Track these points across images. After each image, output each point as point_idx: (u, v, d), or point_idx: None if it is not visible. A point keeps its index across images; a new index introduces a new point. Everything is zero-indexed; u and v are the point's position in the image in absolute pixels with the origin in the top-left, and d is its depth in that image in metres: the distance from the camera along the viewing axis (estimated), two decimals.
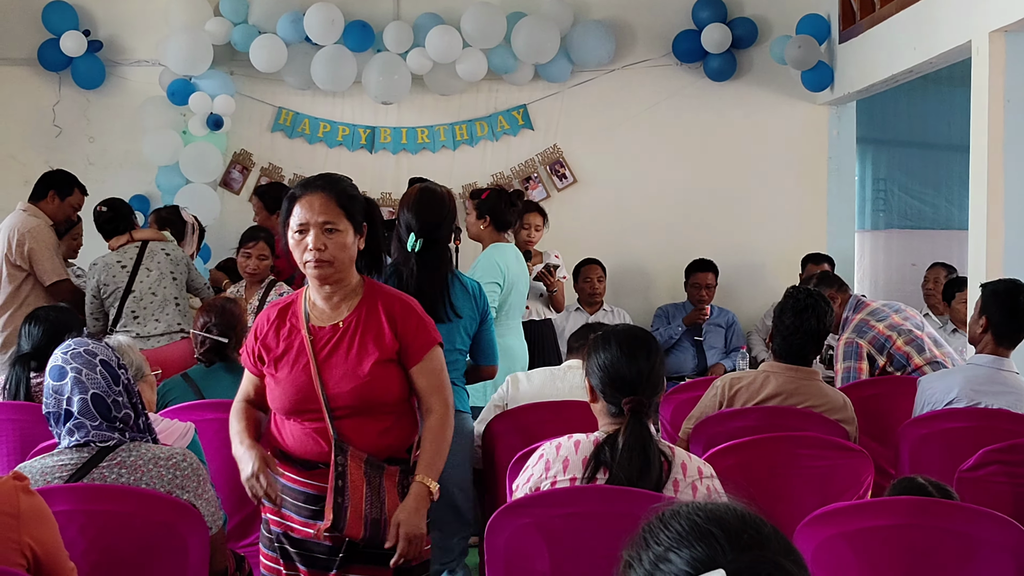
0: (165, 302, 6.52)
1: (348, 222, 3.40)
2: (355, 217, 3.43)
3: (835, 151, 9.01)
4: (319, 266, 3.35)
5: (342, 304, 3.46)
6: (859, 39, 8.03)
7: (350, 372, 3.38)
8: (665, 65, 8.91)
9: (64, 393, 3.25)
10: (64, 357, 3.28)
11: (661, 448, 3.17)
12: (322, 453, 3.40)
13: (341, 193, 3.45)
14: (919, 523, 3.17)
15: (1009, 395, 4.59)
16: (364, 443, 3.40)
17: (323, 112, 8.89)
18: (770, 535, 1.48)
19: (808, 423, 4.31)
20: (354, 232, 3.41)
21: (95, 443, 3.25)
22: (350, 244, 3.39)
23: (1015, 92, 5.95)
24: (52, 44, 8.43)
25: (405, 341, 3.42)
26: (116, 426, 3.27)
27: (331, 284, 3.42)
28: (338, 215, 3.39)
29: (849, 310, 5.95)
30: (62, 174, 6.92)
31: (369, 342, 3.40)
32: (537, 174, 8.97)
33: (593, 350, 3.31)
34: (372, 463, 3.39)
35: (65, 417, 3.26)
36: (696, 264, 8.33)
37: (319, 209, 3.38)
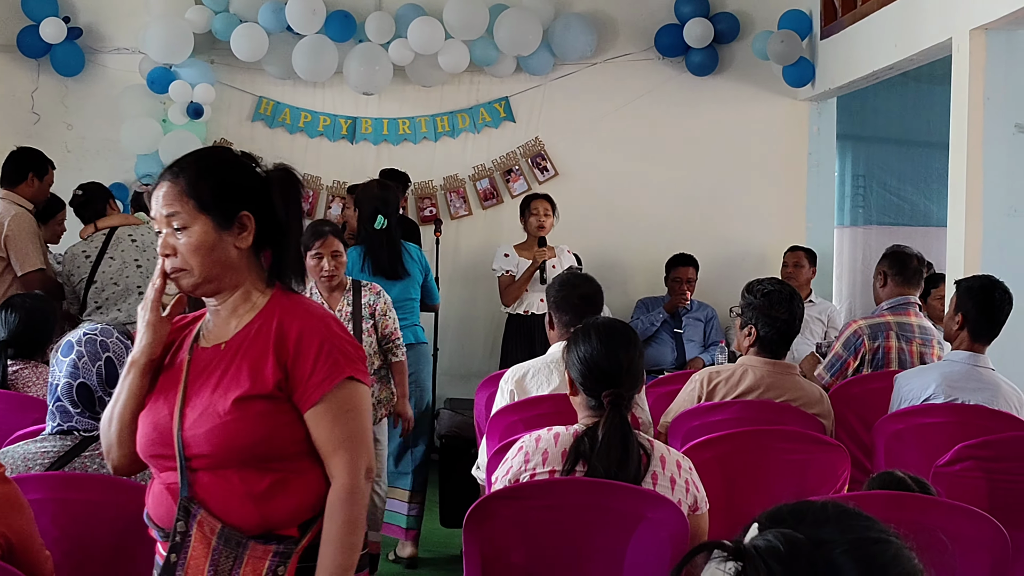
0: (127, 292, 6.36)
1: (202, 214, 2.55)
2: (217, 206, 2.56)
3: (815, 147, 9.04)
4: (172, 275, 2.59)
5: (231, 319, 2.63)
6: (840, 35, 8.05)
7: (209, 409, 2.52)
8: (647, 59, 8.92)
9: (60, 370, 3.24)
10: (79, 336, 3.26)
11: (640, 441, 3.17)
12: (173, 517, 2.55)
13: (193, 177, 2.59)
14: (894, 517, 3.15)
15: (985, 391, 4.62)
16: (223, 508, 2.51)
17: (304, 102, 8.86)
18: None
19: (785, 417, 4.32)
20: (217, 226, 2.55)
21: (79, 431, 3.24)
22: (210, 243, 2.55)
23: (995, 90, 5.97)
24: (31, 31, 8.37)
25: (294, 373, 2.53)
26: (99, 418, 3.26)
27: (207, 296, 2.64)
28: (185, 206, 2.56)
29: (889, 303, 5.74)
30: (34, 153, 6.70)
31: (244, 371, 2.53)
32: (518, 167, 8.97)
33: (573, 343, 3.31)
34: (228, 538, 2.50)
35: (52, 393, 3.26)
36: (676, 258, 8.34)
37: (163, 199, 2.59)
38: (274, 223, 2.61)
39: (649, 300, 8.46)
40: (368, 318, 5.59)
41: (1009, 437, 4.21)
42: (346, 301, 5.61)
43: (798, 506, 1.49)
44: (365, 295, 5.64)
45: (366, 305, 5.60)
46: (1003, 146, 5.99)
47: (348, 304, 5.59)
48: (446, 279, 8.45)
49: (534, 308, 7.52)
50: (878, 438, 4.58)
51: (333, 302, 5.60)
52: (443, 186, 8.93)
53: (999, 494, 3.93)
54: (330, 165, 8.71)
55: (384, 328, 5.66)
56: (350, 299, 5.61)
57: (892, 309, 5.66)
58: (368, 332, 5.57)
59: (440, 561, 6.18)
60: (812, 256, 8.29)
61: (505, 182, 8.93)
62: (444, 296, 8.28)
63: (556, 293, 4.56)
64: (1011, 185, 6.02)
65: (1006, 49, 5.96)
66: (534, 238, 7.61)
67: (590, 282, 4.61)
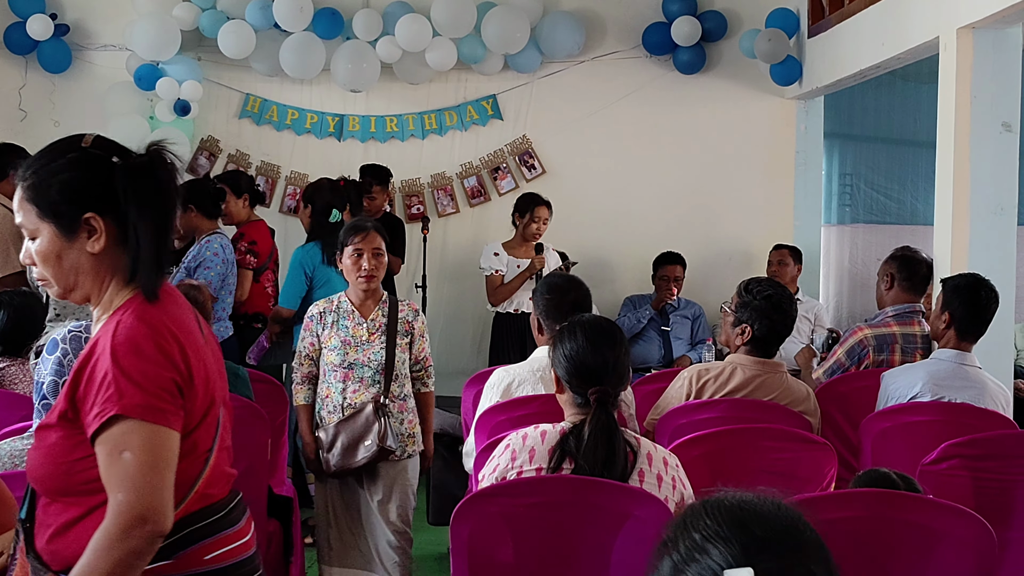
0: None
1: (44, 221, 2.34)
2: (57, 212, 2.32)
3: (803, 145, 9.05)
4: (42, 284, 2.43)
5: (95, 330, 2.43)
6: (828, 34, 8.06)
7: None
8: (635, 57, 8.92)
9: (44, 368, 3.22)
10: (64, 335, 3.24)
11: (627, 438, 3.18)
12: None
13: (34, 180, 2.35)
14: (881, 515, 3.19)
15: (972, 389, 4.63)
16: (40, 537, 2.37)
17: (291, 99, 8.85)
18: (809, 540, 1.48)
19: (772, 415, 4.33)
20: (61, 233, 2.33)
21: None
22: (56, 251, 2.34)
23: (982, 89, 5.98)
24: (18, 27, 8.35)
25: (77, 399, 2.29)
26: None
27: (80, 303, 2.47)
28: (28, 214, 2.35)
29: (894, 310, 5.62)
30: (16, 150, 6.51)
31: (62, 393, 2.33)
32: (506, 164, 8.97)
33: (559, 341, 3.31)
34: (34, 568, 2.37)
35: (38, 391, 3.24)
36: (664, 257, 8.35)
37: (17, 205, 2.39)
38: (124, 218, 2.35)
39: (636, 298, 8.47)
40: (404, 335, 5.16)
41: (995, 435, 4.22)
42: (381, 313, 5.15)
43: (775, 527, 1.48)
44: (403, 310, 5.19)
45: (403, 320, 5.17)
46: (990, 145, 6.00)
47: (383, 316, 5.13)
48: (434, 277, 8.45)
49: (524, 307, 7.56)
50: (865, 436, 4.59)
51: (365, 311, 5.14)
52: (431, 184, 8.93)
53: (985, 492, 3.94)
54: (317, 162, 8.69)
55: (419, 351, 5.25)
56: (385, 311, 5.15)
57: (897, 318, 5.56)
58: (402, 348, 5.15)
59: (428, 559, 6.18)
60: (797, 254, 8.31)
61: (493, 180, 8.93)
62: (431, 294, 8.29)
63: (545, 299, 4.53)
64: (998, 184, 6.02)
65: (993, 48, 5.96)
66: (527, 240, 7.67)
67: (579, 287, 4.58)
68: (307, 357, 5.19)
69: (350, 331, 5.10)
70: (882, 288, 5.72)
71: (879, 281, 5.77)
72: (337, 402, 5.09)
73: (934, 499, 3.30)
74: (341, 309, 5.16)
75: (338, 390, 5.09)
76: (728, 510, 1.49)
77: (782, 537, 1.46)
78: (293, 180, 8.81)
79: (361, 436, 4.97)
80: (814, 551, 1.47)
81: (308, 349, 5.18)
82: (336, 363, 5.08)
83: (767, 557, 1.42)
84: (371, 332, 5.11)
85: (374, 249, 5.08)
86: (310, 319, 5.19)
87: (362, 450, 4.96)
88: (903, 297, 5.62)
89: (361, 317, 5.13)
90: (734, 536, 1.45)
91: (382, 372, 5.06)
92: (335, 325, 5.13)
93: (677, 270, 8.30)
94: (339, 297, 5.22)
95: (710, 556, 1.43)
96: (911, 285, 5.63)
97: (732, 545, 1.44)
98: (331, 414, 5.11)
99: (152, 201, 2.36)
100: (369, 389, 5.05)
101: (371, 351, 5.07)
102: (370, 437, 4.94)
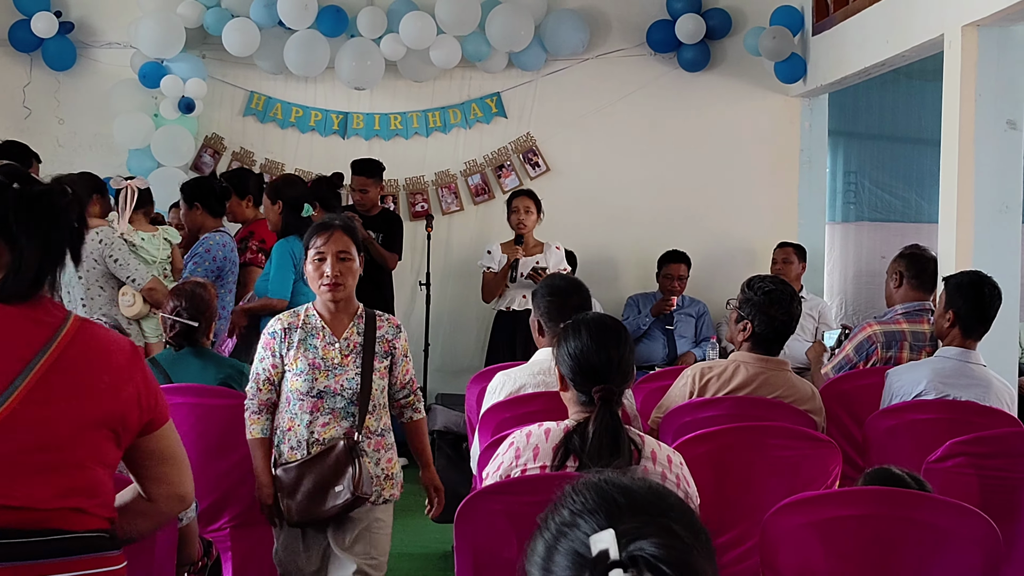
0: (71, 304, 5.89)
1: None
2: None
3: (807, 143, 9.05)
4: None
5: None
6: (832, 31, 8.05)
7: None
8: (639, 55, 8.92)
9: None
10: None
11: (631, 436, 3.17)
12: None
13: None
14: (887, 514, 3.19)
15: (976, 387, 4.62)
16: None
17: (295, 97, 8.86)
18: (673, 503, 1.53)
19: (777, 413, 4.32)
20: None
21: None
22: None
23: (986, 86, 5.98)
24: (23, 25, 8.37)
25: None
26: None
27: None
28: None
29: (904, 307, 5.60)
30: (16, 148, 6.44)
31: None
32: (510, 162, 8.97)
33: (563, 338, 3.30)
34: None
35: None
36: (669, 255, 8.35)
37: None
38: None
39: (639, 297, 8.47)
40: (383, 356, 4.28)
41: (1000, 433, 4.21)
42: (356, 330, 4.27)
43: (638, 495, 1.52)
44: (381, 326, 4.31)
45: (381, 339, 4.29)
46: (994, 142, 6.00)
47: (358, 334, 4.26)
48: (437, 274, 8.45)
49: (514, 305, 7.60)
50: (870, 434, 4.59)
51: (337, 327, 4.27)
52: (434, 182, 8.93)
53: (990, 490, 3.93)
54: (321, 160, 8.69)
55: (403, 375, 4.36)
56: (361, 328, 4.29)
57: (907, 315, 5.55)
58: (381, 374, 4.26)
59: (432, 557, 6.18)
60: (801, 252, 8.30)
61: (496, 178, 8.94)
62: (434, 292, 8.30)
63: (546, 301, 4.46)
64: (1002, 181, 6.02)
65: (998, 45, 5.96)
66: (516, 234, 7.66)
67: (580, 290, 4.52)
68: (267, 382, 4.26)
69: (319, 352, 4.21)
70: (891, 286, 5.71)
71: (888, 279, 5.76)
72: (302, 437, 4.18)
73: (940, 497, 3.30)
74: (309, 325, 4.25)
75: (303, 423, 4.18)
76: (595, 486, 1.54)
77: (644, 503, 1.50)
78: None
79: (331, 480, 4.11)
80: (677, 513, 1.51)
81: (268, 372, 4.25)
82: (302, 391, 4.17)
83: (628, 518, 1.47)
84: (344, 354, 4.22)
85: (339, 252, 4.20)
86: (271, 336, 4.27)
87: (332, 497, 4.11)
88: (912, 295, 5.61)
89: (333, 335, 4.24)
90: (599, 507, 1.50)
91: (356, 402, 4.19)
92: (302, 345, 4.22)
93: (682, 268, 8.30)
94: (306, 310, 4.31)
95: (578, 528, 1.49)
96: (920, 283, 5.63)
97: (597, 515, 1.49)
98: (294, 451, 4.20)
99: (44, 228, 2.45)
100: (341, 423, 4.17)
101: (344, 377, 4.18)
102: (342, 482, 4.09)
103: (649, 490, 1.54)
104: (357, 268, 4.28)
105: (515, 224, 7.67)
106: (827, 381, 5.35)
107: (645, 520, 1.46)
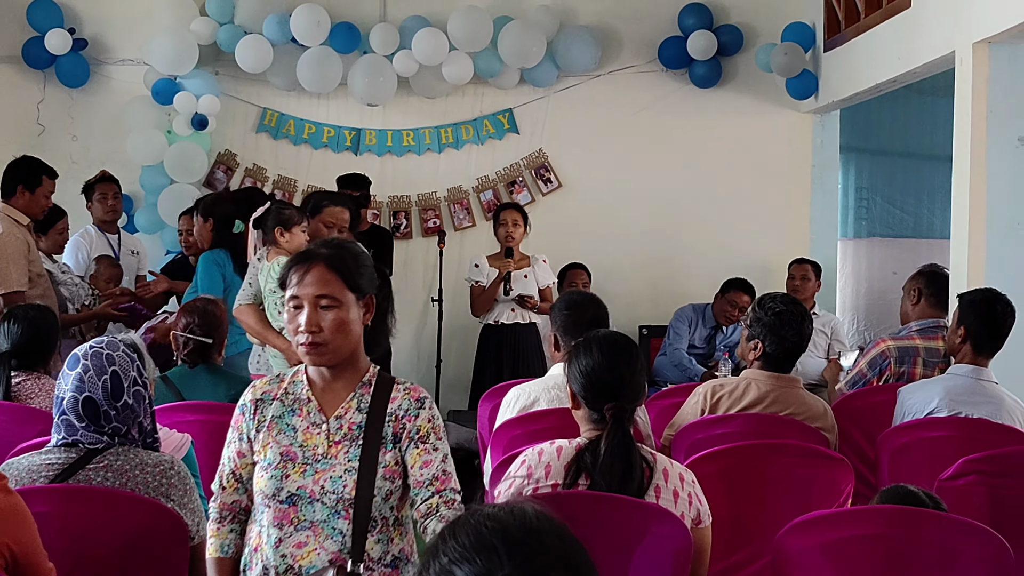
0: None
1: None
2: None
3: (819, 159, 9.05)
4: None
5: None
6: (844, 48, 8.06)
7: None
8: (651, 71, 8.93)
9: (65, 383, 3.23)
10: (85, 350, 3.25)
11: (643, 454, 3.17)
12: None
13: None
14: (898, 533, 3.18)
15: (989, 405, 4.61)
16: None
17: (308, 113, 8.88)
18: (551, 544, 1.50)
19: (789, 430, 4.32)
20: None
21: (84, 444, 3.23)
22: None
23: (998, 103, 5.98)
24: (37, 42, 8.40)
25: None
26: (104, 431, 3.24)
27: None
28: None
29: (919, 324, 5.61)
30: (27, 163, 6.46)
31: None
32: (522, 178, 8.98)
33: (574, 356, 3.30)
34: None
35: (58, 406, 3.25)
36: (735, 282, 8.06)
37: None
38: None
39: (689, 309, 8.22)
40: (392, 443, 2.93)
41: (1013, 451, 4.21)
42: (357, 404, 2.95)
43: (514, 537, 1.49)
44: (396, 399, 2.96)
45: (392, 418, 2.94)
46: (1006, 159, 6.00)
47: (359, 410, 2.94)
48: (449, 290, 8.43)
49: (503, 318, 7.57)
50: (882, 452, 4.58)
51: (330, 401, 2.97)
52: (447, 197, 8.95)
53: (1003, 508, 3.92)
54: (334, 177, 8.69)
55: (422, 466, 2.92)
56: (366, 401, 2.95)
57: (921, 332, 5.57)
58: (388, 470, 2.91)
59: None
60: (818, 269, 8.28)
61: (509, 193, 8.94)
62: (447, 308, 8.29)
63: (563, 316, 4.47)
64: (1014, 198, 6.02)
65: (1009, 62, 5.97)
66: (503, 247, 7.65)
67: (597, 304, 4.52)
68: (232, 476, 3.04)
69: (298, 436, 2.95)
70: (908, 303, 5.73)
71: (905, 297, 5.78)
72: (269, 562, 2.90)
73: (952, 516, 3.29)
74: (291, 396, 3.02)
75: (270, 540, 2.91)
76: (473, 529, 1.50)
77: (522, 543, 1.47)
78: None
79: None
80: (559, 554, 1.48)
81: (234, 462, 3.04)
82: (267, 492, 2.92)
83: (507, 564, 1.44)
84: (333, 440, 2.93)
85: (318, 297, 2.90)
86: (240, 411, 3.06)
87: None
88: (929, 312, 5.63)
89: (321, 413, 2.96)
90: (478, 555, 1.46)
91: (347, 513, 2.88)
92: (276, 425, 2.98)
93: (745, 299, 7.87)
94: (294, 374, 3.08)
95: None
96: (938, 301, 5.65)
97: (475, 563, 1.46)
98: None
99: None
100: (324, 543, 2.87)
101: (328, 474, 2.90)
102: None
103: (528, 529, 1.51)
104: (352, 318, 2.93)
105: (503, 237, 7.65)
106: (839, 398, 5.35)
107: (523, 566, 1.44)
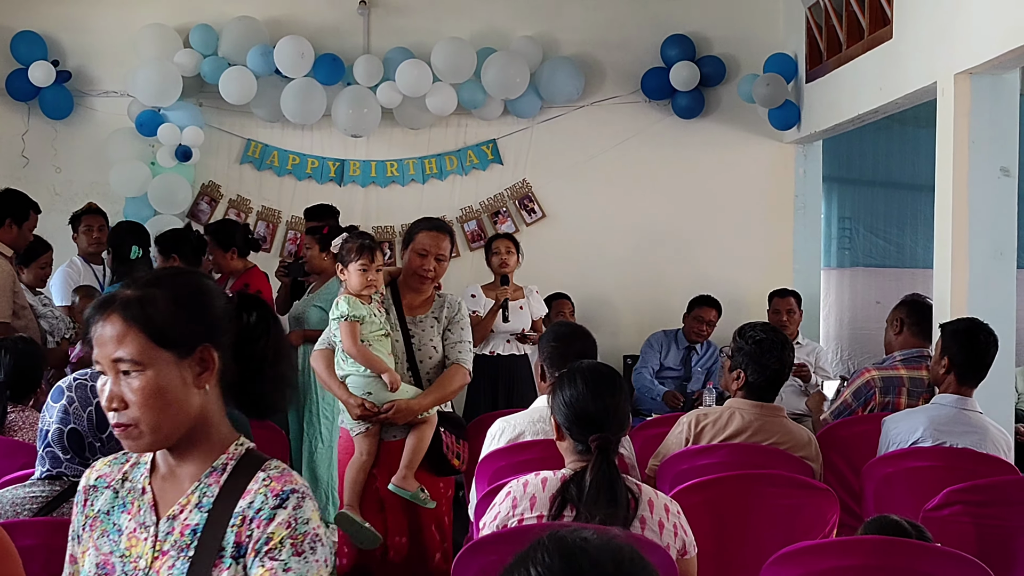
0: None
1: None
2: None
3: (801, 189, 9.09)
4: None
5: None
6: (826, 79, 8.10)
7: None
8: (634, 102, 8.97)
9: (50, 416, 3.21)
10: (70, 383, 3.23)
11: (628, 485, 3.16)
12: None
13: None
14: (884, 563, 3.18)
15: (973, 435, 4.62)
16: None
17: (292, 144, 8.88)
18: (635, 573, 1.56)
19: (773, 461, 4.32)
20: None
21: (68, 477, 3.21)
22: None
23: (979, 133, 6.00)
24: (20, 74, 8.40)
25: None
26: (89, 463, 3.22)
27: None
28: None
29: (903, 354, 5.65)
30: (15, 197, 6.44)
31: None
32: (506, 208, 8.99)
33: (559, 387, 3.30)
34: None
35: (42, 438, 3.23)
36: (701, 299, 8.17)
37: None
38: None
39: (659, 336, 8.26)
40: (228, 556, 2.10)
41: (997, 481, 4.21)
42: (199, 498, 2.16)
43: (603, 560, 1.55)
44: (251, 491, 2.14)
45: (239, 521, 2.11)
46: (988, 189, 6.02)
47: (199, 508, 2.16)
48: None
49: (499, 349, 7.45)
50: (867, 481, 4.58)
51: (168, 493, 2.21)
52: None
53: (988, 538, 3.92)
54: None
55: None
56: (210, 495, 2.16)
57: (905, 362, 5.59)
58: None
59: None
60: (799, 299, 8.28)
61: (493, 224, 8.95)
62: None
63: (550, 347, 4.49)
64: (997, 228, 6.04)
65: (991, 93, 6.00)
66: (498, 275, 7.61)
67: (585, 337, 4.53)
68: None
69: (120, 542, 2.22)
70: (891, 333, 5.76)
71: (888, 327, 5.81)
72: None
73: (937, 546, 3.29)
74: (128, 484, 2.30)
75: None
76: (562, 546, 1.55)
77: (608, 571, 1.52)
78: (294, 225, 8.83)
79: None
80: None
81: (68, 571, 2.36)
82: None
83: None
84: (160, 549, 2.16)
85: (114, 362, 2.21)
86: (76, 501, 2.39)
87: None
88: (912, 342, 5.65)
89: (153, 511, 2.21)
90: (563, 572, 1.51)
91: None
92: (101, 522, 2.28)
93: (711, 313, 8.11)
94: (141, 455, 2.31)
95: None
96: (921, 330, 5.68)
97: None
98: None
99: None
100: None
101: None
102: None
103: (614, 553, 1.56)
104: (170, 384, 2.15)
105: (497, 265, 7.53)
106: (824, 427, 5.35)
107: None
